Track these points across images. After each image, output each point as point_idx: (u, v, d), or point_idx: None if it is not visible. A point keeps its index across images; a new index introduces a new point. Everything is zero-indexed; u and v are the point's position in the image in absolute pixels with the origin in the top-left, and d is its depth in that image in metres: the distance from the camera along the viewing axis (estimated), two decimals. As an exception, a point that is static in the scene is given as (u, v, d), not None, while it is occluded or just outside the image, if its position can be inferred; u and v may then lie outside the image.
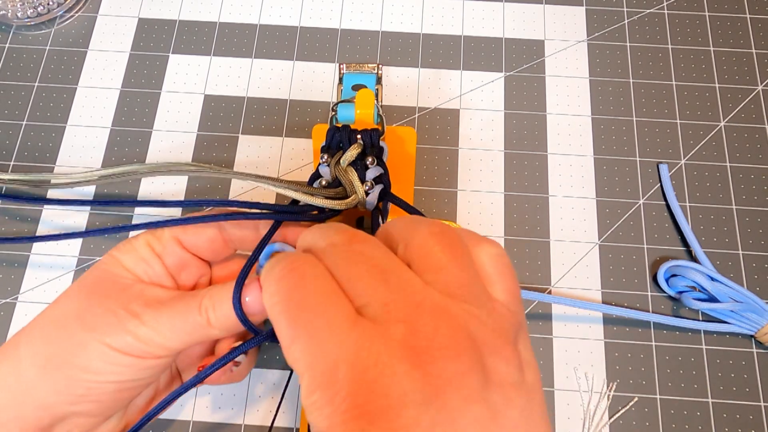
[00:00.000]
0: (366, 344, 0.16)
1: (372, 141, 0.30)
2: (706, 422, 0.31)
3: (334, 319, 0.17)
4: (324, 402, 0.16)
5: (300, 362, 0.17)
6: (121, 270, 0.25)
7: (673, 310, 0.34)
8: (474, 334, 0.17)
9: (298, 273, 0.18)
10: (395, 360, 0.16)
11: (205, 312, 0.24)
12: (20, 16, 0.40)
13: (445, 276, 0.18)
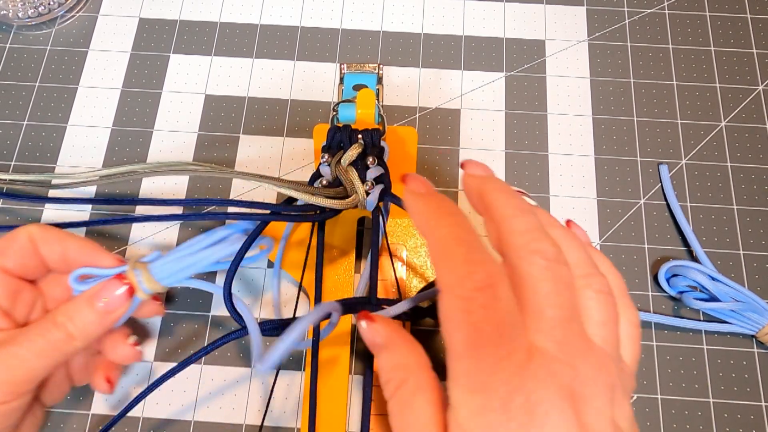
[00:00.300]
0: (540, 382, 0.18)
1: (373, 141, 0.30)
2: (707, 422, 0.31)
3: (517, 347, 0.19)
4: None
5: (467, 379, 0.19)
6: None
7: (674, 310, 0.34)
8: (616, 390, 0.19)
9: (493, 298, 0.19)
10: (558, 399, 0.18)
11: (63, 326, 0.25)
12: (21, 16, 0.40)
13: (605, 332, 0.20)
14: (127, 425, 0.31)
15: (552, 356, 0.19)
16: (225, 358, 0.32)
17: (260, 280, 0.34)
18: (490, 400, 0.18)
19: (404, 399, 0.21)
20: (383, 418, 0.30)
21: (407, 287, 0.33)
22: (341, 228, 0.33)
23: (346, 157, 0.30)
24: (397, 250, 0.33)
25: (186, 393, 0.32)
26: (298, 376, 0.32)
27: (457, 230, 0.21)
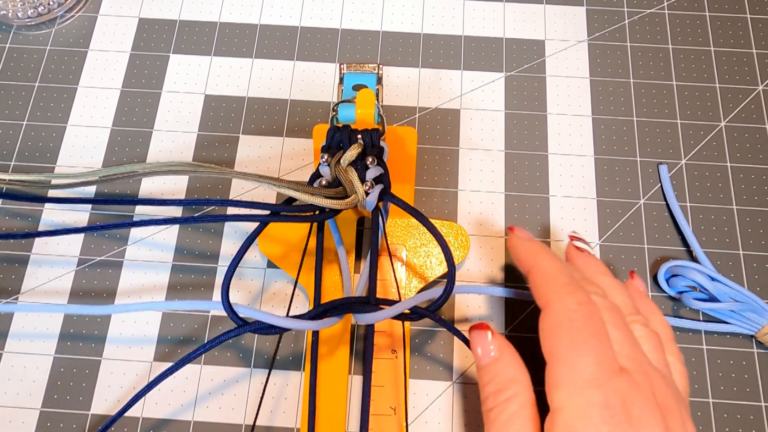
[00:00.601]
0: (630, 389, 0.21)
1: (372, 141, 0.30)
2: (706, 422, 0.31)
3: (612, 358, 0.22)
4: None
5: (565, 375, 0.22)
6: None
7: (674, 311, 0.34)
8: (682, 407, 0.23)
9: (592, 311, 0.23)
10: (648, 405, 0.21)
11: None
12: (21, 16, 0.40)
13: (657, 357, 0.24)
14: (126, 425, 0.31)
15: (633, 370, 0.22)
16: (224, 358, 0.32)
17: (260, 279, 0.34)
18: (594, 397, 0.21)
19: (512, 412, 0.23)
20: (382, 418, 0.30)
21: (407, 287, 0.33)
22: (341, 228, 0.33)
23: (346, 157, 0.29)
24: (397, 250, 0.33)
25: (185, 393, 0.32)
26: (297, 376, 0.32)
27: (559, 263, 0.26)
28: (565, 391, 0.22)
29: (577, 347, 0.22)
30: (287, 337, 0.33)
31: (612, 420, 0.21)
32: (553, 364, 0.23)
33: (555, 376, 0.22)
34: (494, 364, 0.25)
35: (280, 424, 0.31)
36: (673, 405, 0.22)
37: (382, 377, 0.31)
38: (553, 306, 0.24)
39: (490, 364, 0.25)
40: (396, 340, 0.32)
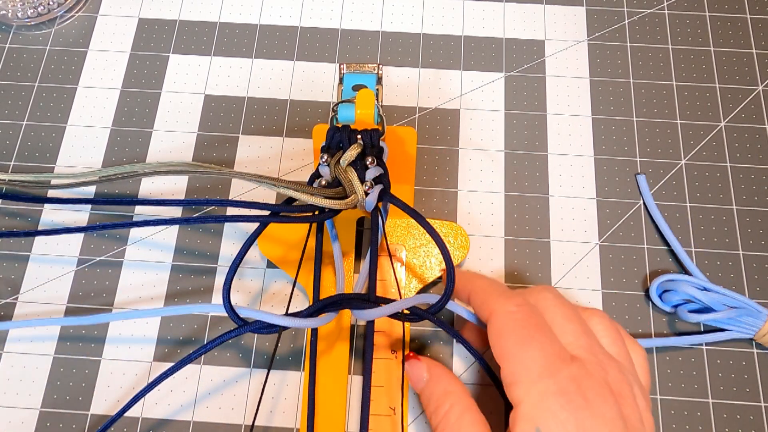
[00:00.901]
0: (584, 375, 0.23)
1: (372, 141, 0.30)
2: (706, 422, 0.31)
3: (560, 348, 0.24)
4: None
5: (522, 364, 0.23)
6: None
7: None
8: (637, 395, 0.24)
9: (532, 309, 0.25)
10: (602, 389, 0.22)
11: None
12: (20, 16, 0.40)
13: (617, 349, 0.25)
14: (126, 425, 0.31)
15: (585, 359, 0.23)
16: (224, 358, 0.32)
17: (259, 280, 0.34)
18: (548, 386, 0.22)
19: (455, 420, 0.24)
20: (382, 418, 0.30)
21: (406, 287, 0.33)
22: (340, 228, 0.33)
23: (346, 158, 0.29)
24: (396, 250, 0.33)
25: (185, 393, 0.32)
26: (297, 376, 0.32)
27: (495, 281, 0.28)
28: (520, 386, 0.23)
29: (523, 344, 0.23)
30: (287, 337, 0.33)
31: (569, 405, 0.22)
32: (505, 365, 0.24)
33: (510, 374, 0.23)
34: (427, 385, 0.26)
35: (279, 424, 0.31)
36: (627, 391, 0.23)
37: (382, 377, 0.31)
38: (496, 313, 0.25)
39: (425, 387, 0.26)
40: (395, 341, 0.32)
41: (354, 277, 0.33)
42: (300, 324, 0.27)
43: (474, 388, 0.32)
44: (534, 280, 0.34)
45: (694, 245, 0.35)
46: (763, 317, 0.31)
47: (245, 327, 0.27)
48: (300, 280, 0.32)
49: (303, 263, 0.31)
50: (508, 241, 0.35)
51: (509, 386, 0.23)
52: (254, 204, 0.29)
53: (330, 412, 0.30)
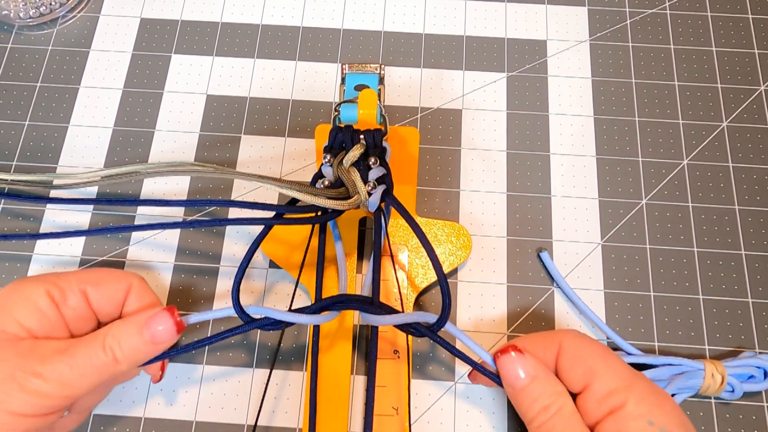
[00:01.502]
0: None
1: (375, 141, 0.30)
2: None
3: None
4: None
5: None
6: (13, 325, 0.24)
7: None
8: None
9: None
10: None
11: (110, 351, 0.24)
12: (22, 16, 0.40)
13: None
14: (128, 425, 0.31)
15: None
16: (227, 359, 0.32)
17: (262, 280, 0.34)
18: (643, 387, 0.24)
19: (566, 421, 0.25)
20: (385, 418, 0.30)
21: (409, 288, 0.33)
22: (343, 228, 0.33)
23: (348, 158, 0.29)
24: (399, 251, 0.33)
25: (187, 393, 0.32)
26: (300, 376, 0.32)
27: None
28: (620, 391, 0.24)
29: (607, 357, 0.25)
30: (289, 337, 0.33)
31: (664, 399, 0.24)
32: (598, 378, 0.25)
33: (605, 384, 0.25)
34: (535, 382, 0.26)
35: (282, 424, 0.31)
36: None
37: (385, 377, 0.31)
38: (568, 336, 0.26)
39: (530, 384, 0.26)
40: (398, 342, 0.32)
41: (357, 277, 0.33)
42: (301, 320, 0.27)
43: (476, 389, 0.32)
44: (536, 280, 0.34)
45: (696, 245, 0.35)
46: (702, 374, 0.30)
47: (252, 323, 0.27)
48: (303, 280, 0.32)
49: (306, 264, 0.31)
50: (510, 241, 0.35)
51: (609, 395, 0.24)
52: (257, 204, 0.29)
53: (333, 412, 0.30)
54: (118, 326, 0.25)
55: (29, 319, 0.24)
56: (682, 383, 0.30)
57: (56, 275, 0.26)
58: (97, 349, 0.24)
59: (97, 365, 0.24)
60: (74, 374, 0.23)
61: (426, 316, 0.27)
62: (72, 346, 0.24)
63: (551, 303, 0.34)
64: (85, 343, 0.24)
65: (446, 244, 0.33)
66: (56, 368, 0.23)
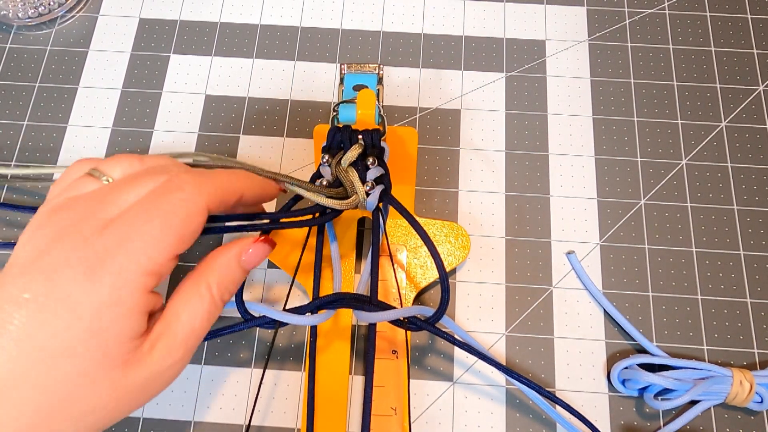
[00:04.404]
0: None
1: (373, 141, 0.30)
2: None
3: None
4: None
5: None
6: (126, 344, 0.20)
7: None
8: None
9: None
10: None
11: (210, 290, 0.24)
12: (21, 16, 0.40)
13: None
14: (126, 425, 0.31)
15: None
16: (225, 359, 0.32)
17: (261, 279, 0.34)
18: None
19: None
20: (383, 418, 0.30)
21: (407, 287, 0.33)
22: (341, 229, 0.33)
23: (347, 158, 0.29)
24: (397, 251, 0.33)
25: (186, 393, 0.32)
26: (298, 376, 0.32)
27: None
28: None
29: None
30: (287, 336, 0.33)
31: None
32: None
33: None
34: None
35: (280, 425, 0.31)
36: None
37: (383, 377, 0.31)
38: None
39: None
40: (396, 341, 0.32)
41: (355, 277, 0.33)
42: (294, 320, 0.27)
43: (474, 389, 0.32)
44: (535, 280, 0.34)
45: (695, 246, 0.35)
46: (729, 380, 0.30)
47: (251, 321, 0.27)
48: (302, 280, 0.32)
49: (306, 264, 0.31)
50: (508, 241, 0.35)
51: None
52: (254, 215, 0.29)
53: (331, 413, 0.30)
54: (218, 257, 0.24)
55: (132, 328, 0.21)
56: (708, 389, 0.30)
57: (136, 256, 0.21)
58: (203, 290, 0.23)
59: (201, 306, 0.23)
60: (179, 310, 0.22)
61: (423, 309, 0.27)
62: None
63: (550, 303, 0.34)
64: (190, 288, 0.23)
65: (445, 244, 0.33)
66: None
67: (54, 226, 0.21)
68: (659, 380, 0.30)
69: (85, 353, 0.19)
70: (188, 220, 0.22)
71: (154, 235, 0.21)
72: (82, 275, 0.20)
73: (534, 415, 0.32)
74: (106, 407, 0.20)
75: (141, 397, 0.21)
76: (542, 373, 0.32)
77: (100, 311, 0.20)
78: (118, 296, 0.20)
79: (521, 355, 0.33)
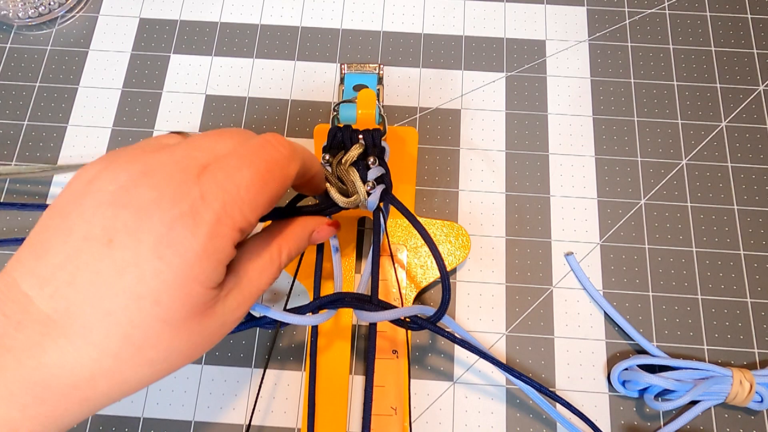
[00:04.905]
0: None
1: (374, 141, 0.30)
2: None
3: None
4: None
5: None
6: (208, 293, 0.20)
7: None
8: None
9: None
10: None
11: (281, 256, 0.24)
12: (21, 16, 0.40)
13: None
14: (126, 425, 0.31)
15: None
16: (225, 358, 0.32)
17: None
18: None
19: None
20: (383, 418, 0.30)
21: (407, 287, 0.33)
22: (342, 228, 0.33)
23: (347, 158, 0.29)
24: (398, 251, 0.33)
25: (186, 393, 0.32)
26: (298, 376, 0.32)
27: None
28: None
29: None
30: (288, 336, 0.33)
31: None
32: None
33: None
34: None
35: (281, 424, 0.31)
36: None
37: (383, 377, 0.31)
38: None
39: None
40: (397, 341, 0.32)
41: (356, 277, 0.33)
42: (295, 321, 0.27)
43: (474, 388, 0.32)
44: (535, 279, 0.34)
45: (695, 245, 0.35)
46: (729, 380, 0.30)
47: (252, 322, 0.27)
48: (302, 280, 0.32)
49: (306, 263, 0.31)
50: (509, 241, 0.35)
51: None
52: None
53: (331, 412, 0.30)
54: (295, 239, 0.24)
55: (213, 278, 0.20)
56: (708, 389, 0.30)
57: (232, 213, 0.20)
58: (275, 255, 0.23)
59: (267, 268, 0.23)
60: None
61: (424, 309, 0.27)
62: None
63: (550, 303, 0.34)
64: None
65: (445, 244, 0.33)
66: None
67: (141, 163, 0.19)
68: (659, 381, 0.30)
69: (170, 303, 0.18)
70: (283, 181, 0.21)
71: (251, 191, 0.20)
72: (174, 220, 0.18)
73: (534, 414, 0.32)
74: (180, 355, 0.20)
75: (205, 346, 0.21)
76: (542, 372, 0.32)
77: (190, 261, 0.18)
78: (212, 247, 0.19)
79: (521, 355, 0.33)
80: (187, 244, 0.18)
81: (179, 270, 0.18)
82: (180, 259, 0.18)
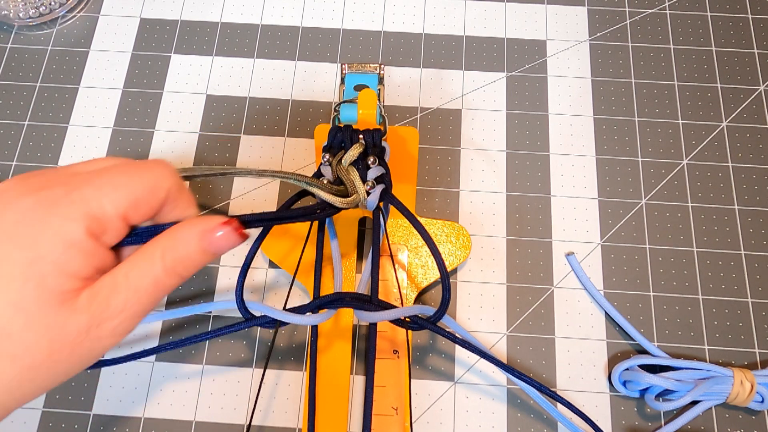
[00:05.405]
0: None
1: (374, 141, 0.30)
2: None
3: None
4: None
5: None
6: (65, 281, 0.20)
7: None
8: None
9: None
10: None
11: (166, 266, 0.22)
12: (22, 16, 0.40)
13: None
14: (127, 425, 0.31)
15: None
16: (226, 358, 0.32)
17: (261, 279, 0.34)
18: None
19: None
20: (384, 418, 0.30)
21: (408, 287, 0.33)
22: (342, 228, 0.33)
23: (347, 157, 0.29)
24: (398, 251, 0.33)
25: (187, 393, 0.32)
26: (299, 376, 0.32)
27: None
28: None
29: None
30: (288, 336, 0.33)
31: None
32: None
33: None
34: None
35: (281, 424, 0.31)
36: None
37: (384, 377, 0.31)
38: None
39: None
40: (397, 341, 0.32)
41: (356, 277, 0.33)
42: (295, 320, 0.27)
43: (475, 388, 0.32)
44: (536, 280, 0.34)
45: (696, 245, 0.35)
46: (730, 380, 0.30)
47: (251, 321, 0.27)
48: (302, 280, 0.32)
49: (306, 263, 0.31)
50: (509, 241, 0.35)
51: None
52: (252, 216, 0.28)
53: (332, 413, 0.30)
54: (174, 235, 0.23)
55: (82, 268, 0.21)
56: (709, 389, 0.30)
57: (87, 198, 0.21)
58: (154, 261, 0.22)
59: (152, 280, 0.22)
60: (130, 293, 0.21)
61: (424, 309, 0.27)
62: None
63: (551, 303, 0.34)
64: (141, 257, 0.22)
65: (446, 244, 0.33)
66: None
67: (17, 179, 0.21)
68: (660, 381, 0.30)
69: (22, 285, 0.19)
70: (151, 190, 0.22)
71: (112, 185, 0.21)
72: (28, 208, 0.20)
73: (535, 414, 0.32)
74: (41, 350, 0.19)
75: (76, 353, 0.20)
76: (543, 372, 0.32)
77: (37, 241, 0.19)
78: (60, 229, 0.20)
79: (522, 355, 0.33)
80: (35, 229, 0.20)
81: (29, 251, 0.19)
82: (29, 241, 0.19)
